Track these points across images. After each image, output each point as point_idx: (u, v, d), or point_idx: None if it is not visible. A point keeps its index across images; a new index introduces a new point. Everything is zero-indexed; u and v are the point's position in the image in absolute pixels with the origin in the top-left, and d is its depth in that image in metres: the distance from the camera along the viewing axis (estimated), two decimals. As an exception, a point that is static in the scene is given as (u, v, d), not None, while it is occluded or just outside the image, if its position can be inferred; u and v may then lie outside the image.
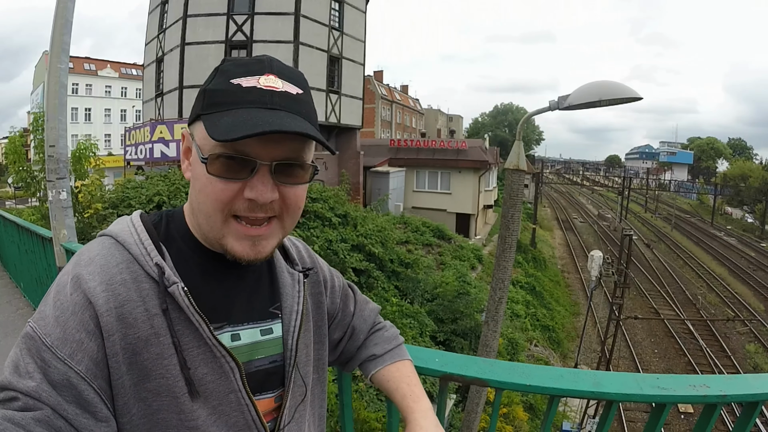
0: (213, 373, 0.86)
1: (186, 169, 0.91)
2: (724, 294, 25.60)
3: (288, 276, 1.05)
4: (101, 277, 0.80)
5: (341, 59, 21.39)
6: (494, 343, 6.14)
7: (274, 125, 0.77)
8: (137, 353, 0.80)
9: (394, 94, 62.36)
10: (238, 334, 0.93)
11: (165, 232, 0.92)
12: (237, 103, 0.81)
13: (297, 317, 1.01)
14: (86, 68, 51.97)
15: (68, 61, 4.74)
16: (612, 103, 4.99)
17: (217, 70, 0.86)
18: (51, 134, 4.64)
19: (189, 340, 0.84)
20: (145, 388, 0.80)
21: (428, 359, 1.37)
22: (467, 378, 1.29)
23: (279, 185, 0.84)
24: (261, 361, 0.96)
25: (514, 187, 6.02)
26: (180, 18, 18.55)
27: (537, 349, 17.20)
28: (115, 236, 0.88)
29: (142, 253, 0.85)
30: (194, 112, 0.87)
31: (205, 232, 0.88)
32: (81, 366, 0.75)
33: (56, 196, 4.71)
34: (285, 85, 0.84)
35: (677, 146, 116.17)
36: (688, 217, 54.74)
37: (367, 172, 25.33)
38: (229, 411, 0.88)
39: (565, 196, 75.09)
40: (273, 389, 0.98)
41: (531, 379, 1.23)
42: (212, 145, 0.81)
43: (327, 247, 11.83)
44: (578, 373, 1.25)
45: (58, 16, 4.60)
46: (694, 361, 17.82)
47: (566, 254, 35.22)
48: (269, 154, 0.82)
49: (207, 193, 0.83)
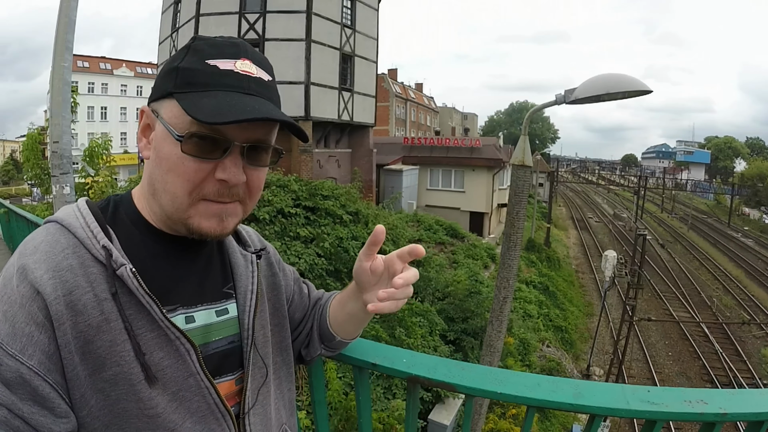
0: (169, 357, 0.84)
1: (144, 147, 0.89)
2: (740, 296, 25.23)
3: (241, 257, 1.05)
4: (47, 265, 0.77)
5: (353, 57, 21.31)
6: (498, 343, 6.03)
7: (261, 112, 0.80)
8: (89, 341, 0.77)
9: (409, 92, 62.13)
10: (192, 316, 0.91)
11: (112, 216, 0.90)
12: (213, 85, 0.82)
13: (252, 296, 1.01)
14: (102, 67, 52.38)
15: (72, 59, 4.80)
16: (620, 96, 4.85)
17: (189, 48, 0.86)
18: (55, 130, 4.72)
19: (142, 324, 0.81)
20: (101, 378, 0.77)
21: (395, 359, 1.30)
22: (434, 381, 1.21)
23: (246, 167, 0.86)
24: (217, 343, 0.95)
25: (519, 184, 5.87)
26: (192, 17, 18.55)
27: (549, 350, 17.02)
28: (60, 221, 0.85)
29: (88, 236, 0.82)
30: (163, 88, 0.85)
31: (169, 213, 0.86)
32: (33, 360, 0.72)
33: (60, 191, 4.79)
34: (259, 71, 0.87)
35: (694, 145, 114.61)
36: (704, 218, 53.97)
37: (380, 170, 25.22)
38: (189, 396, 0.86)
39: (580, 195, 74.52)
40: (232, 371, 0.97)
41: (504, 387, 1.14)
42: (186, 124, 0.81)
43: (338, 245, 11.77)
44: (558, 382, 1.15)
45: (62, 15, 4.65)
46: (709, 365, 17.55)
47: (581, 254, 34.93)
48: (243, 136, 0.83)
49: (178, 173, 0.82)
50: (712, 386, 16.27)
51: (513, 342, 14.41)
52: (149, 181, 0.88)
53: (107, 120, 52.09)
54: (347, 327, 1.19)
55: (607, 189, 72.47)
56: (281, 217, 11.13)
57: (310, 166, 18.88)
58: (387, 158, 26.51)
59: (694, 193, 70.75)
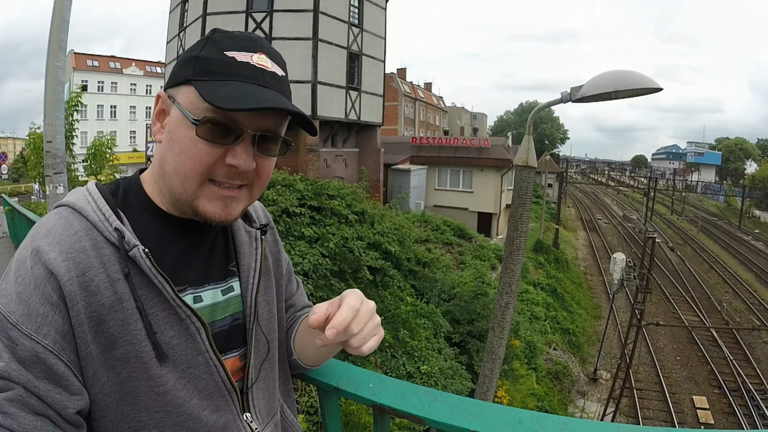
0: (179, 335, 0.86)
1: (158, 131, 0.92)
2: (750, 301, 24.78)
3: (245, 234, 1.07)
4: (60, 247, 0.79)
5: (361, 56, 21.22)
6: (500, 350, 5.87)
7: (275, 102, 0.83)
8: (102, 321, 0.79)
9: (417, 92, 61.99)
10: (200, 296, 0.94)
11: (122, 199, 0.92)
12: (231, 74, 0.85)
13: (255, 274, 1.03)
14: (112, 66, 52.71)
15: (65, 58, 4.79)
16: (629, 94, 4.69)
17: (208, 39, 0.89)
18: (48, 130, 4.69)
19: (153, 304, 0.84)
20: (113, 356, 0.80)
21: (360, 383, 1.19)
22: (400, 412, 1.09)
23: (257, 155, 0.88)
24: (223, 321, 0.98)
25: (523, 186, 5.69)
26: (200, 16, 18.57)
27: (556, 353, 16.85)
28: (71, 205, 0.87)
29: (100, 219, 0.84)
30: (181, 75, 0.88)
31: (177, 195, 0.89)
32: (48, 340, 0.75)
33: (53, 191, 4.76)
34: (273, 66, 0.90)
35: (705, 147, 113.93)
36: (714, 220, 53.43)
37: (388, 169, 25.19)
38: (198, 374, 0.89)
39: (589, 196, 74.08)
40: (237, 348, 1.00)
41: (479, 423, 1.00)
42: (202, 110, 0.83)
43: (342, 245, 11.68)
44: (543, 419, 1.01)
45: (55, 14, 4.61)
46: (717, 370, 17.27)
47: (589, 256, 34.61)
48: (255, 124, 0.86)
49: (190, 155, 0.85)
50: (720, 392, 16.11)
51: (519, 345, 14.28)
52: (160, 163, 0.90)
53: (116, 119, 52.48)
54: (309, 352, 1.17)
55: (616, 190, 72.00)
56: (286, 217, 11.07)
57: (317, 165, 18.83)
58: (395, 158, 26.49)
59: (704, 195, 70.17)
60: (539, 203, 37.22)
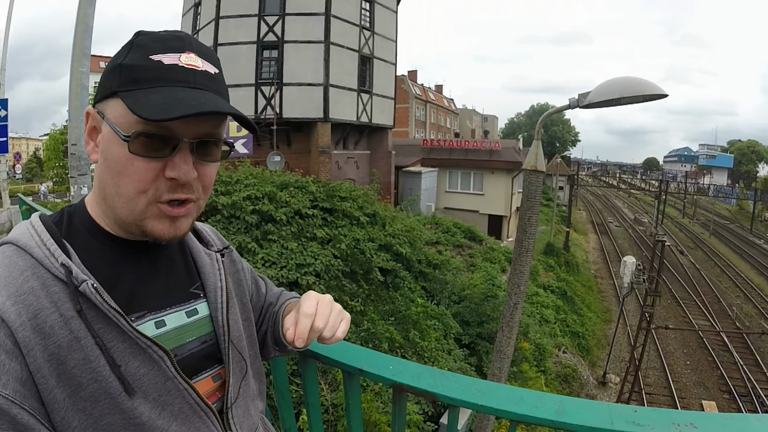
0: (144, 365, 0.83)
1: (92, 151, 0.88)
2: (762, 305, 24.62)
3: (206, 256, 1.05)
4: (8, 291, 0.75)
5: (372, 59, 21.39)
6: (509, 350, 5.98)
7: (208, 105, 0.79)
8: (62, 362, 0.75)
9: (428, 94, 62.05)
10: (162, 320, 0.91)
11: (67, 228, 0.88)
12: (159, 80, 0.80)
13: (222, 293, 1.02)
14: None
15: (89, 64, 4.92)
16: (636, 100, 4.80)
17: (132, 44, 0.84)
18: (73, 133, 4.84)
19: (112, 337, 0.80)
20: (81, 398, 0.76)
21: (382, 366, 1.31)
22: (417, 390, 1.22)
23: (197, 163, 0.85)
24: (192, 344, 0.95)
25: (532, 189, 5.81)
26: (212, 20, 18.79)
27: (565, 356, 16.84)
28: (15, 242, 0.83)
29: (46, 255, 0.80)
30: (107, 88, 0.83)
31: (123, 217, 0.85)
32: (7, 390, 0.70)
33: (77, 192, 4.89)
34: (204, 64, 0.85)
35: (717, 149, 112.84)
36: (726, 224, 52.99)
37: (399, 171, 25.29)
38: (170, 400, 0.85)
39: (601, 199, 73.65)
40: (208, 369, 0.97)
41: (486, 399, 1.14)
42: (132, 123, 0.79)
43: (354, 246, 11.76)
44: (542, 397, 1.14)
45: (79, 22, 4.76)
46: (727, 375, 17.20)
47: (600, 259, 34.48)
48: (191, 131, 0.82)
49: (129, 175, 0.81)
50: (730, 397, 16.08)
51: (528, 347, 14.30)
52: (100, 185, 0.86)
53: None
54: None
55: (627, 193, 71.48)
56: (298, 218, 11.15)
57: (329, 167, 18.97)
58: (406, 160, 26.55)
59: (716, 198, 69.65)
60: (550, 206, 37.16)
